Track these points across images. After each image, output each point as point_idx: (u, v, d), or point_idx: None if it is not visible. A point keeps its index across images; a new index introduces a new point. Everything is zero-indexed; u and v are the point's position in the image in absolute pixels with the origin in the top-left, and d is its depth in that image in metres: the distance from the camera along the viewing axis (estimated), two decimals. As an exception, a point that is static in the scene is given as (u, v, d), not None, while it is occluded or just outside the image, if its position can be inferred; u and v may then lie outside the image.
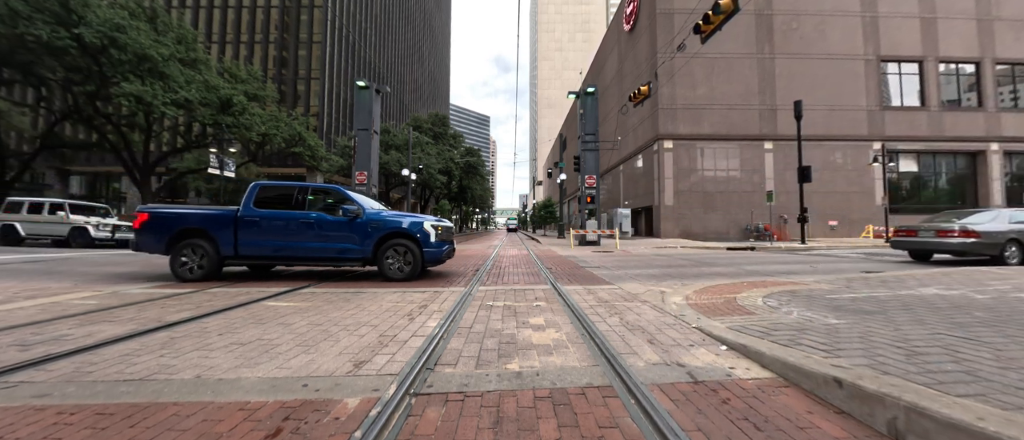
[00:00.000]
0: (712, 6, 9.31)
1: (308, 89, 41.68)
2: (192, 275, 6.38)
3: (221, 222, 6.49)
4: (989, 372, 2.11)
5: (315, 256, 6.60)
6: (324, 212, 6.69)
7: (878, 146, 23.86)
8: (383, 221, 6.70)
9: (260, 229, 6.53)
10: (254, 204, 6.62)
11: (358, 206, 6.69)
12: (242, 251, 6.50)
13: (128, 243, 15.57)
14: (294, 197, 6.75)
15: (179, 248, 6.44)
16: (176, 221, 6.53)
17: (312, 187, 6.91)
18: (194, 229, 6.52)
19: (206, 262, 6.45)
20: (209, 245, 6.47)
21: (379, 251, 6.62)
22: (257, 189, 6.73)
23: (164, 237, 6.49)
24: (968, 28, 25.02)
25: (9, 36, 15.39)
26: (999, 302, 4.00)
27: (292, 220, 6.57)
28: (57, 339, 3.17)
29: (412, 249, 6.65)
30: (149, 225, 6.54)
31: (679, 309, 4.08)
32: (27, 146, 27.58)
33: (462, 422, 1.88)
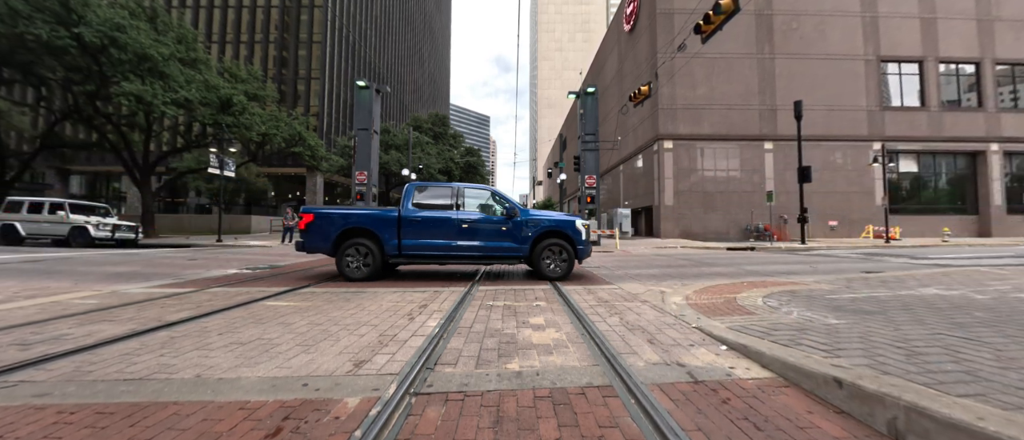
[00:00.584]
0: (713, 6, 9.30)
1: (308, 89, 41.66)
2: (359, 274, 6.50)
3: (385, 222, 6.65)
4: (989, 372, 2.11)
5: (474, 254, 6.75)
6: (482, 212, 6.89)
7: (878, 146, 23.86)
8: (540, 220, 6.89)
9: (422, 228, 6.68)
10: (412, 205, 6.81)
11: (513, 206, 6.89)
12: (405, 250, 6.66)
13: (126, 242, 15.57)
14: (450, 197, 6.94)
15: (345, 248, 6.57)
16: (342, 221, 6.65)
17: (467, 187, 7.11)
18: (359, 229, 6.66)
19: (371, 261, 6.58)
20: (374, 244, 6.60)
21: (535, 250, 6.81)
22: (413, 189, 6.89)
23: (330, 237, 6.61)
24: (968, 28, 25.02)
25: (9, 36, 15.37)
26: (999, 302, 4.00)
27: (452, 220, 6.73)
28: (57, 338, 3.17)
29: (566, 248, 6.82)
30: (315, 225, 6.67)
31: (679, 309, 4.08)
32: (27, 146, 27.56)
33: (462, 421, 1.88)
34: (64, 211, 14.63)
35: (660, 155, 24.05)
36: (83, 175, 43.14)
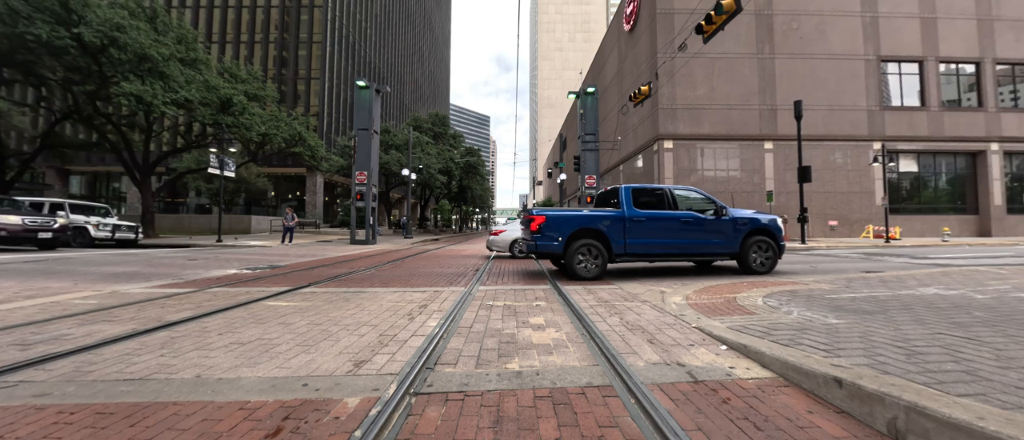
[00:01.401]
0: (714, 6, 9.31)
1: (308, 89, 41.68)
2: (589, 274, 6.73)
3: (613, 222, 6.99)
4: (989, 372, 2.11)
5: (689, 252, 7.13)
6: (695, 211, 7.27)
7: (878, 146, 23.85)
8: (748, 219, 7.35)
9: (644, 228, 7.05)
10: (633, 206, 7.20)
11: (722, 205, 7.32)
12: (629, 249, 6.99)
13: (126, 242, 15.56)
14: (665, 198, 7.34)
15: (575, 248, 6.80)
16: (573, 222, 6.92)
17: (677, 189, 7.53)
18: (589, 230, 6.93)
19: (599, 261, 6.84)
20: (602, 244, 6.90)
21: (743, 246, 7.24)
22: (631, 192, 7.26)
23: (561, 238, 6.87)
24: (968, 28, 25.02)
25: (9, 36, 15.36)
26: (999, 302, 4.00)
27: (671, 219, 7.13)
28: (57, 338, 3.17)
29: (771, 244, 7.32)
30: (547, 227, 6.94)
31: (679, 309, 4.08)
32: (27, 146, 27.56)
33: (462, 421, 1.88)
34: (64, 211, 14.63)
35: (660, 155, 24.05)
36: (83, 175, 43.17)
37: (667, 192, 7.39)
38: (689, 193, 7.54)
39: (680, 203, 7.36)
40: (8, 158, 20.70)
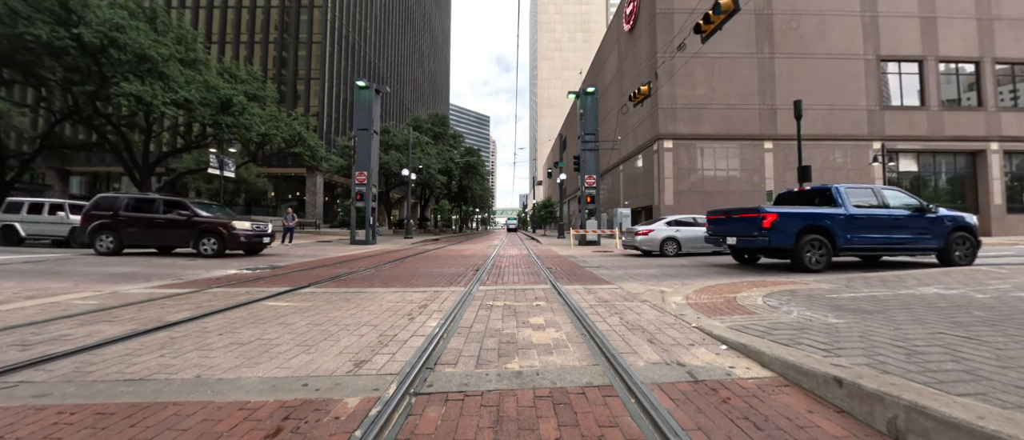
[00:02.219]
0: (713, 6, 9.30)
1: (308, 89, 41.68)
2: (818, 266, 7.37)
3: (836, 220, 7.58)
4: (989, 371, 2.11)
5: (900, 246, 7.71)
6: (905, 210, 7.84)
7: (878, 146, 23.86)
8: (952, 216, 7.98)
9: (863, 225, 7.64)
10: (852, 205, 7.76)
11: (927, 204, 7.89)
12: (851, 244, 7.56)
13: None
14: (876, 197, 7.93)
15: (804, 243, 7.47)
16: (803, 219, 7.60)
17: (885, 189, 8.09)
18: (816, 227, 7.54)
19: (824, 254, 7.45)
20: (826, 240, 7.50)
21: (947, 242, 7.85)
22: (845, 191, 7.85)
23: (792, 234, 7.48)
24: (968, 28, 25.02)
25: (9, 36, 15.36)
26: (999, 301, 4.00)
27: (886, 217, 7.71)
28: (57, 339, 3.17)
29: (970, 239, 7.95)
30: (779, 224, 7.59)
31: (679, 309, 4.08)
32: (27, 146, 27.56)
33: (462, 421, 1.88)
34: (64, 211, 14.63)
35: (660, 155, 24.05)
36: (83, 175, 43.18)
37: (877, 191, 7.98)
38: (896, 193, 8.07)
39: (890, 202, 7.91)
40: (8, 158, 20.71)
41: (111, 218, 10.13)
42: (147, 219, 10.27)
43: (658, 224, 12.52)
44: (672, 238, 12.03)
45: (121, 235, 10.04)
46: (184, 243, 10.19)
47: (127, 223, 10.13)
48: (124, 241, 10.10)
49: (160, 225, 10.27)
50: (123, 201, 10.38)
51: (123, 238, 10.05)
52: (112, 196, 10.37)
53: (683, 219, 12.70)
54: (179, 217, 10.31)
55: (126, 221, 10.17)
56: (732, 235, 8.37)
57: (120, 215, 10.20)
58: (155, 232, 10.25)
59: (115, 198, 10.33)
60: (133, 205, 10.47)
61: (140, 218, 10.26)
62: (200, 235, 10.13)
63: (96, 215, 10.17)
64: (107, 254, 10.01)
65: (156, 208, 10.47)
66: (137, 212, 10.36)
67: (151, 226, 10.27)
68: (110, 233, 9.98)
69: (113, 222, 10.08)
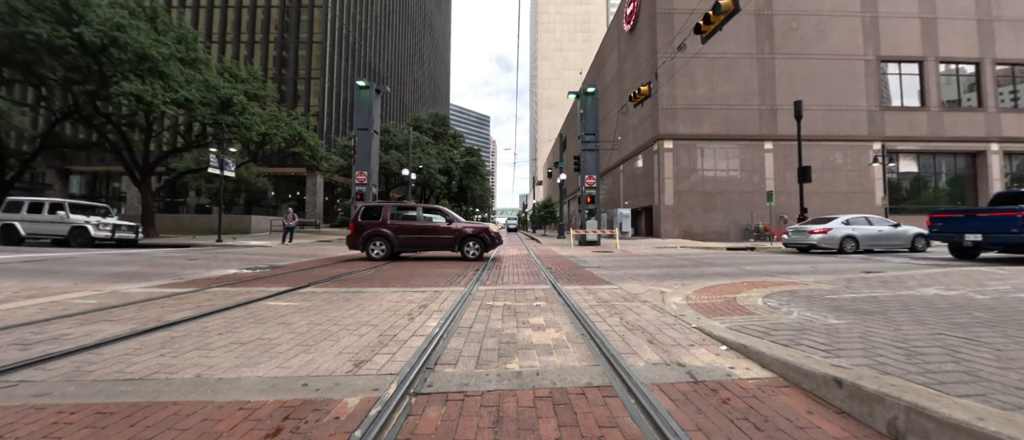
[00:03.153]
0: (713, 6, 9.30)
1: (308, 89, 41.68)
2: (971, 256, 8.89)
3: (998, 221, 8.70)
4: (989, 372, 2.11)
5: None
6: None
7: (878, 146, 23.86)
8: None
9: (1008, 224, 8.55)
10: None
11: None
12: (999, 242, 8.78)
13: (126, 242, 15.54)
14: None
15: (967, 240, 8.91)
16: (969, 221, 8.94)
17: None
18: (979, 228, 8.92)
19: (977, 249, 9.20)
20: (983, 238, 8.86)
21: None
22: None
23: (958, 231, 9.25)
24: (968, 28, 25.02)
25: (9, 35, 15.36)
26: (999, 302, 4.00)
27: None
28: (57, 338, 3.17)
29: None
30: (944, 223, 9.31)
31: (679, 309, 4.08)
32: (27, 146, 27.55)
33: (462, 422, 1.88)
34: (64, 211, 14.63)
35: (660, 155, 24.06)
36: (83, 175, 43.18)
37: None
38: None
39: None
40: (8, 158, 20.71)
41: (382, 225, 10.58)
42: (414, 226, 10.71)
43: (834, 222, 12.97)
44: (851, 237, 12.64)
45: (392, 242, 10.47)
46: (449, 247, 10.60)
47: (397, 230, 10.58)
48: (395, 247, 10.53)
49: (426, 231, 10.69)
50: (389, 210, 10.81)
51: (394, 245, 10.49)
52: (377, 205, 10.83)
53: (853, 218, 13.26)
54: (443, 223, 10.76)
55: (395, 228, 10.60)
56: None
57: (389, 223, 10.59)
58: (422, 237, 10.65)
59: (380, 206, 10.83)
60: (397, 214, 10.98)
61: (407, 225, 10.71)
62: (464, 240, 10.56)
63: (366, 224, 10.62)
64: (379, 260, 10.32)
65: (419, 215, 10.95)
66: (403, 220, 10.84)
67: (418, 232, 10.67)
68: (382, 240, 10.50)
69: (385, 230, 10.57)
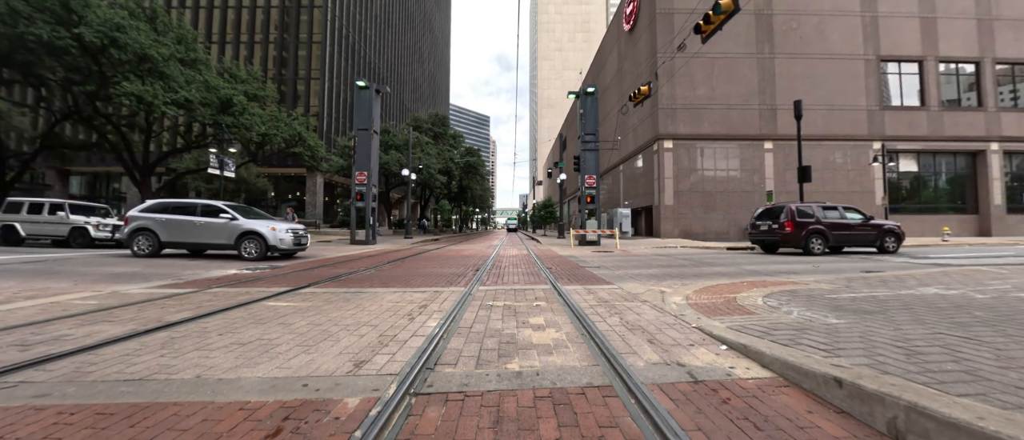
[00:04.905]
0: (713, 6, 9.30)
1: (308, 89, 41.67)
2: None
3: None
4: (989, 372, 2.11)
5: None
6: None
7: (878, 146, 23.86)
8: None
9: None
10: None
11: None
12: None
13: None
14: None
15: None
16: None
17: None
18: None
19: None
20: None
21: None
22: None
23: None
24: (968, 28, 25.02)
25: (9, 36, 15.37)
26: (999, 302, 4.00)
27: None
28: (57, 339, 3.17)
29: None
30: None
31: (679, 309, 4.08)
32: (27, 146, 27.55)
33: (462, 422, 1.88)
34: (64, 211, 14.63)
35: (660, 155, 24.06)
36: (83, 175, 43.16)
37: None
38: None
39: None
40: (8, 158, 20.71)
41: (817, 224, 11.88)
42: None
43: None
44: None
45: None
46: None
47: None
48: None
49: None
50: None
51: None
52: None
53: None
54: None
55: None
56: None
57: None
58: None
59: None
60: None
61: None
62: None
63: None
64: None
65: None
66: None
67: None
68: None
69: (821, 228, 11.84)
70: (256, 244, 9.54)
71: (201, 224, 9.64)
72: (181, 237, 9.59)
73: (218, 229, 9.59)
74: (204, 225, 9.63)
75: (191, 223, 9.62)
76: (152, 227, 9.55)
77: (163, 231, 9.55)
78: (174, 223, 9.59)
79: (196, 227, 9.60)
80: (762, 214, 13.33)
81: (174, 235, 9.57)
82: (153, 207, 9.95)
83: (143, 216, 9.58)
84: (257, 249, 9.58)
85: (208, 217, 9.70)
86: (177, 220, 9.60)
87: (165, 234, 9.55)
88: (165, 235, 9.55)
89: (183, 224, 9.60)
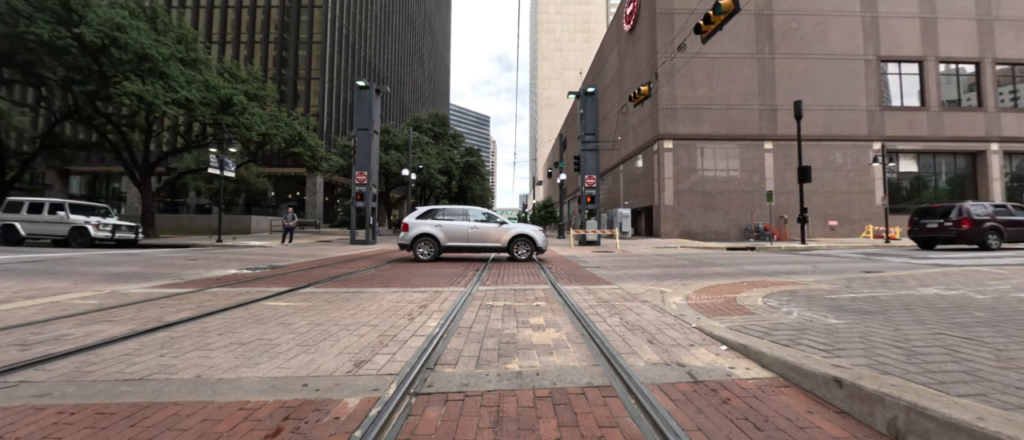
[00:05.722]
0: (713, 6, 9.31)
1: (308, 89, 41.68)
2: None
3: None
4: (989, 372, 2.11)
5: None
6: None
7: (878, 146, 23.86)
8: None
9: None
10: None
11: None
12: None
13: (126, 243, 15.57)
14: None
15: None
16: None
17: None
18: None
19: None
20: None
21: None
22: None
23: None
24: (968, 28, 25.03)
25: (10, 36, 15.37)
26: (999, 302, 4.00)
27: None
28: (57, 339, 3.17)
29: None
30: None
31: (679, 309, 4.08)
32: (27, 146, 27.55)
33: (462, 422, 1.88)
34: (64, 211, 14.64)
35: (660, 155, 24.06)
36: (83, 175, 43.17)
37: None
38: None
39: None
40: (8, 158, 20.71)
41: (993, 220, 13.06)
42: None
43: None
44: None
45: (1003, 234, 12.95)
46: None
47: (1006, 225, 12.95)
48: None
49: None
50: (990, 208, 13.23)
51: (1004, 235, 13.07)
52: (978, 206, 13.03)
53: None
54: None
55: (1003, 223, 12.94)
56: None
57: None
58: None
59: (982, 207, 13.05)
60: None
61: None
62: None
63: (986, 220, 12.86)
64: None
65: None
66: None
67: None
68: (996, 233, 12.92)
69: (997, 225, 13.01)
70: (526, 246, 10.48)
71: (476, 229, 10.47)
72: (458, 241, 10.39)
73: (491, 233, 10.48)
74: (479, 230, 10.48)
75: (465, 228, 10.44)
76: (434, 233, 10.28)
77: (443, 236, 10.31)
78: (451, 229, 10.39)
79: (471, 232, 10.43)
80: (925, 212, 14.29)
81: (452, 239, 10.35)
82: (425, 215, 10.71)
83: (423, 223, 10.38)
84: (526, 249, 10.51)
85: (481, 223, 10.60)
86: (454, 226, 10.41)
87: (445, 239, 10.29)
88: (445, 240, 10.29)
89: (459, 230, 10.41)
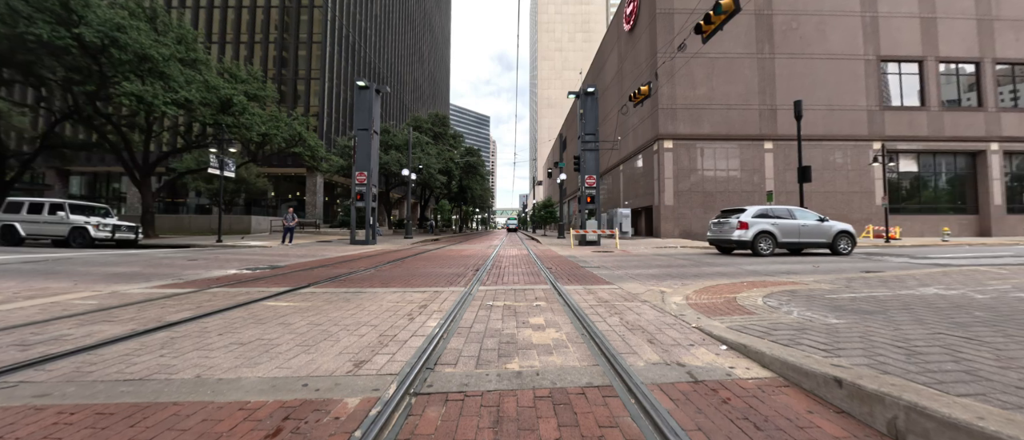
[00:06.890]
0: (713, 6, 9.30)
1: (308, 89, 41.67)
2: None
3: None
4: (989, 372, 2.11)
5: None
6: None
7: (878, 146, 23.87)
8: None
9: None
10: None
11: None
12: None
13: (126, 243, 15.57)
14: None
15: None
16: None
17: None
18: None
19: None
20: None
21: None
22: None
23: None
24: (968, 28, 25.02)
25: (9, 36, 15.36)
26: (999, 302, 4.00)
27: None
28: (57, 339, 3.17)
29: None
30: None
31: (679, 309, 4.08)
32: (27, 146, 27.56)
33: (462, 422, 1.88)
34: (64, 211, 14.63)
35: (660, 155, 24.06)
36: (83, 175, 43.16)
37: None
38: None
39: None
40: (8, 158, 20.70)
41: None
42: None
43: None
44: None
45: None
46: None
47: None
48: None
49: None
50: None
51: None
52: None
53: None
54: None
55: None
56: None
57: None
58: None
59: None
60: None
61: None
62: None
63: None
64: None
65: None
66: None
67: None
68: None
69: None
70: (846, 240, 11.74)
71: (806, 227, 11.67)
72: (790, 238, 11.59)
73: (817, 231, 11.65)
74: (808, 228, 11.68)
75: (796, 226, 11.64)
76: (772, 230, 11.49)
77: (779, 233, 11.54)
78: (784, 227, 11.59)
79: (801, 229, 11.64)
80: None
81: (786, 236, 11.55)
82: (758, 214, 11.82)
83: (762, 221, 11.56)
84: (846, 243, 11.71)
85: (807, 221, 11.78)
86: (786, 224, 11.62)
87: (780, 235, 11.52)
88: (780, 237, 11.52)
89: (791, 227, 11.63)
